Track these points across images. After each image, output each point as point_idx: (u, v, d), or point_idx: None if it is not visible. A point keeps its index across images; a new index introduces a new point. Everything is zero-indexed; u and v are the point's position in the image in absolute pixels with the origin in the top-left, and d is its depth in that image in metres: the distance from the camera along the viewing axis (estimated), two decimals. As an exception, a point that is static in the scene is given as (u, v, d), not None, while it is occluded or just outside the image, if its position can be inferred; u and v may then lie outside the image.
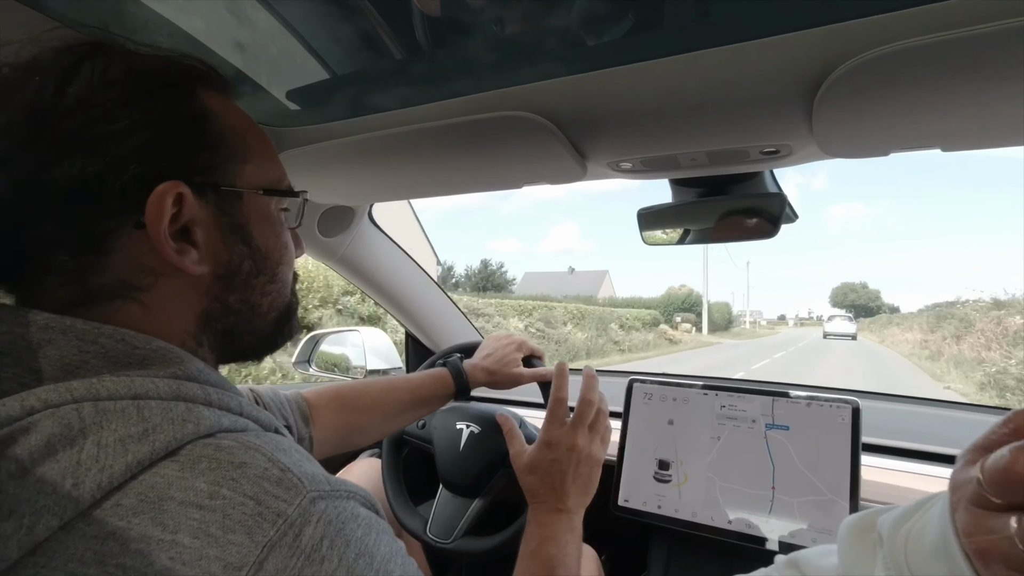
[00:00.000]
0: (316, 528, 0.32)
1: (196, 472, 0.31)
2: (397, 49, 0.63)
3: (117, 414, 0.31)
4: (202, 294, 0.41)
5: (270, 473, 0.32)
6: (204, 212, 0.40)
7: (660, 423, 0.97)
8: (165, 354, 0.37)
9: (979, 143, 0.62)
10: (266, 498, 0.31)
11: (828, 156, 0.70)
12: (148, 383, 0.34)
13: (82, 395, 0.31)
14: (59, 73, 0.36)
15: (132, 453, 0.30)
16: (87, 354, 0.34)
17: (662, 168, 0.80)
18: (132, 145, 0.36)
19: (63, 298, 0.37)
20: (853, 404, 0.85)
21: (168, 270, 0.38)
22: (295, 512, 0.31)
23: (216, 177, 0.40)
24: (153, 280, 0.38)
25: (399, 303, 1.34)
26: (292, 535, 0.31)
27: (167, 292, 0.39)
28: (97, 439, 0.30)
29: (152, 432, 0.31)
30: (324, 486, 0.34)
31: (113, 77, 0.36)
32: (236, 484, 0.31)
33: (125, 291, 0.37)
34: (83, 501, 0.29)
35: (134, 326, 0.37)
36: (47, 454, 0.29)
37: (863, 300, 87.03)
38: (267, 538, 0.30)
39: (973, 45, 0.44)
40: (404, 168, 0.88)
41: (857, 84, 0.51)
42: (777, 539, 0.83)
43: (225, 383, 0.40)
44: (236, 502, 0.30)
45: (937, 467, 0.89)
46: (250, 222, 0.43)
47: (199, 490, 0.30)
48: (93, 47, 0.37)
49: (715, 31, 0.51)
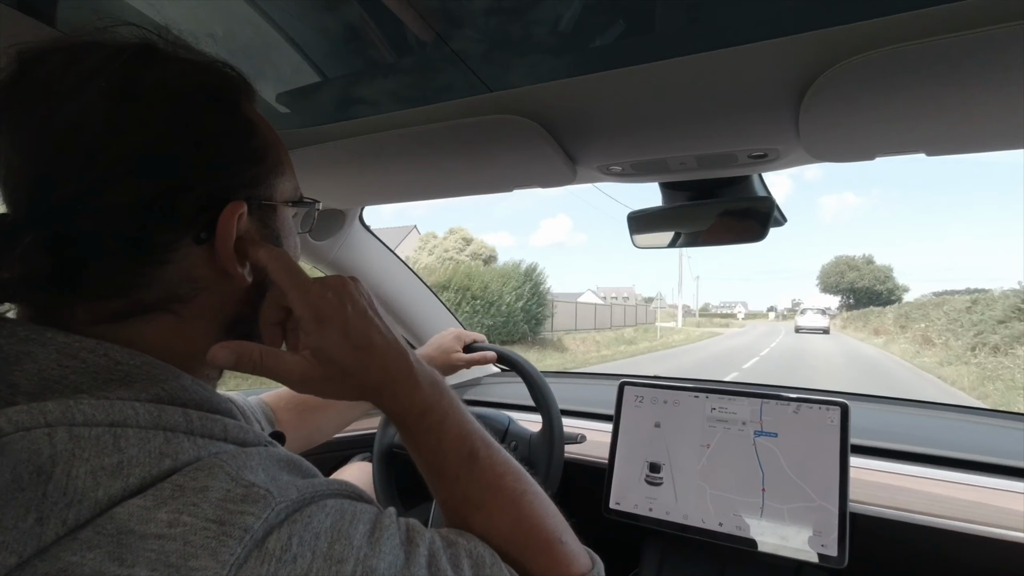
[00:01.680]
0: (281, 530, 0.31)
1: (159, 502, 0.29)
2: (388, 52, 0.63)
3: (91, 442, 0.29)
4: (236, 302, 0.41)
5: (233, 493, 0.30)
6: (251, 226, 0.40)
7: (651, 426, 0.97)
8: (150, 370, 0.35)
9: (963, 148, 0.63)
10: (230, 517, 0.29)
11: (815, 160, 0.70)
12: (127, 409, 0.32)
13: (56, 419, 0.29)
14: (120, 82, 0.34)
15: (103, 488, 0.28)
16: (66, 369, 0.33)
17: (652, 172, 0.81)
18: (195, 161, 0.36)
19: (103, 310, 0.36)
20: (842, 405, 0.85)
21: (213, 283, 0.38)
22: (262, 525, 0.30)
23: (261, 192, 0.41)
24: (196, 292, 0.38)
25: (389, 305, 1.34)
26: (256, 549, 0.29)
27: (205, 303, 0.39)
28: (67, 469, 0.28)
29: (127, 466, 0.30)
30: (292, 494, 0.32)
31: (174, 89, 0.36)
32: (197, 509, 0.29)
33: (168, 303, 0.37)
34: (46, 538, 0.27)
35: (160, 338, 0.36)
36: (12, 483, 0.27)
37: (867, 281, 62.14)
38: (234, 556, 0.28)
39: (956, 51, 0.45)
40: (394, 171, 0.87)
41: (843, 89, 0.52)
42: (769, 542, 0.83)
43: (213, 400, 0.38)
44: (197, 528, 0.29)
45: (926, 468, 0.89)
46: (281, 233, 0.44)
47: (159, 520, 0.28)
48: (145, 53, 0.36)
49: (704, 36, 0.52)
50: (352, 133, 0.76)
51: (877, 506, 0.84)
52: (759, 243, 0.85)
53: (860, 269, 63.54)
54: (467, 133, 0.70)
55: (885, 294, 59.32)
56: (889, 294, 59.45)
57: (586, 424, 1.17)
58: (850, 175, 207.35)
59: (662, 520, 0.91)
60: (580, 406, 1.24)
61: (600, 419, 1.18)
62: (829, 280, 66.08)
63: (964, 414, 1.17)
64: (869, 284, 62.03)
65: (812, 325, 29.09)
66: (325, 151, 0.80)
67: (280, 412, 0.75)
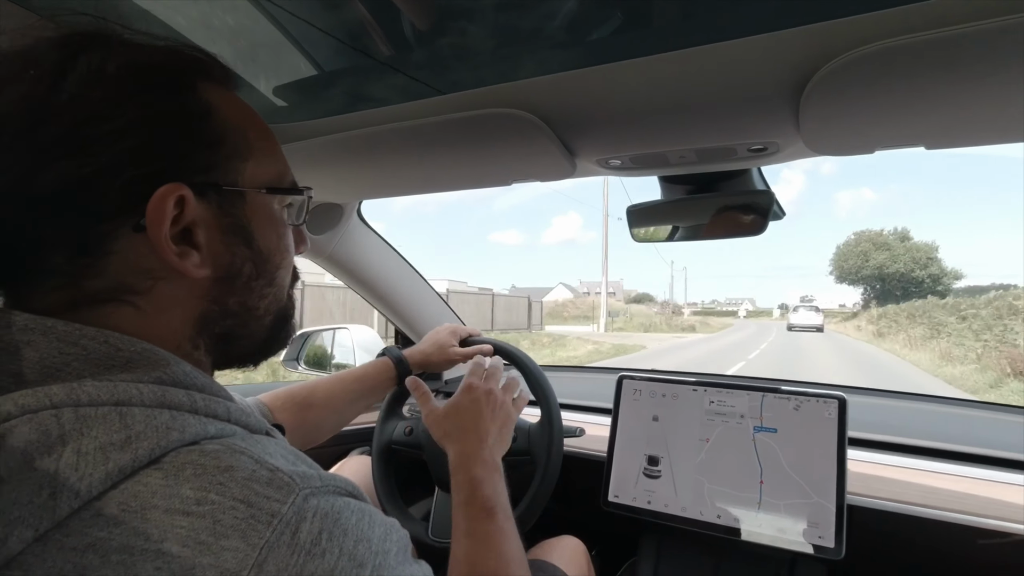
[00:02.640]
0: (313, 523, 0.31)
1: (181, 479, 0.30)
2: (386, 45, 0.63)
3: (98, 421, 0.30)
4: (200, 297, 0.39)
5: (259, 475, 0.31)
6: (206, 213, 0.38)
7: (649, 419, 0.98)
8: (150, 356, 0.35)
9: (962, 141, 0.63)
10: (257, 500, 0.30)
11: (815, 154, 0.70)
12: (131, 388, 0.32)
13: (62, 400, 0.30)
14: (53, 67, 0.34)
15: (113, 461, 0.29)
16: (68, 356, 0.33)
17: (651, 165, 0.81)
18: (130, 145, 0.34)
19: (56, 301, 0.35)
20: (839, 399, 0.86)
21: (167, 273, 0.37)
22: (290, 511, 0.31)
23: (218, 176, 0.39)
24: (152, 283, 0.37)
25: (388, 300, 1.34)
26: (289, 533, 0.30)
27: (165, 295, 0.38)
28: (77, 447, 0.29)
29: (134, 440, 0.30)
30: (316, 482, 0.34)
31: (111, 71, 0.35)
32: (224, 488, 0.30)
33: (121, 294, 0.36)
34: (60, 512, 0.28)
35: (127, 330, 0.35)
36: (23, 462, 0.28)
37: (902, 264, 43.87)
38: (263, 539, 0.29)
39: (955, 44, 0.45)
40: (392, 165, 0.87)
41: (843, 82, 0.52)
42: (766, 534, 0.84)
43: (213, 386, 0.38)
44: (226, 507, 0.30)
45: (923, 461, 0.90)
46: (252, 223, 0.41)
47: (185, 497, 0.29)
48: (89, 38, 0.35)
49: (703, 29, 0.52)
50: (349, 127, 0.76)
51: (874, 498, 0.84)
52: (767, 239, 0.84)
53: (891, 248, 45.29)
54: (465, 127, 0.70)
55: (928, 283, 42.53)
56: (934, 283, 42.40)
57: (585, 418, 1.17)
58: (865, 170, 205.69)
59: (660, 513, 0.92)
60: (579, 400, 1.25)
61: (599, 412, 1.19)
62: (847, 265, 48.01)
63: (958, 407, 1.18)
64: (905, 268, 44.09)
65: (805, 323, 27.93)
66: (322, 145, 0.80)
67: (277, 412, 0.76)
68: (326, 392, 0.83)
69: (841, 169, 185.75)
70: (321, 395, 0.82)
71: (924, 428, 1.02)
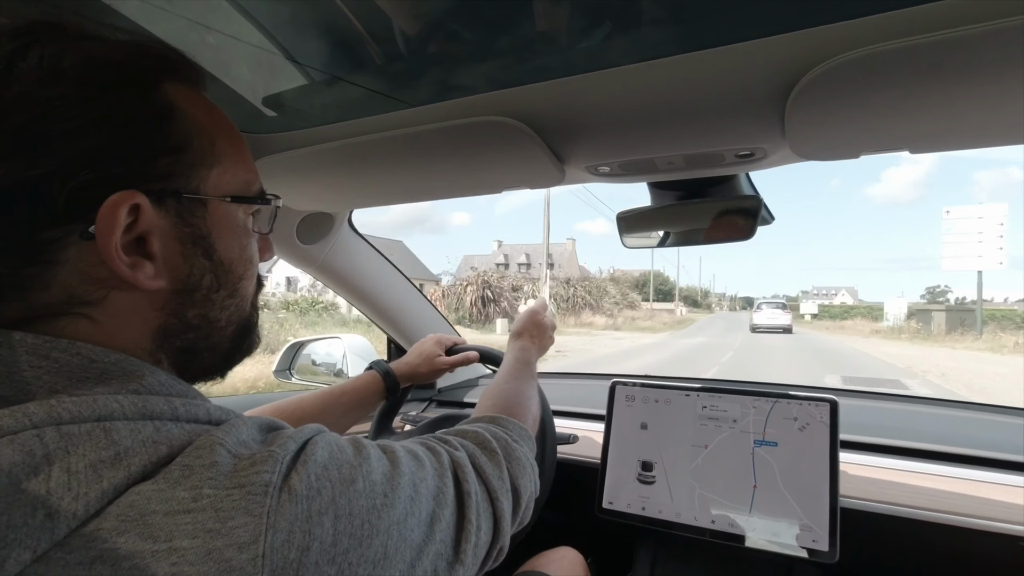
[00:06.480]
0: (299, 473, 0.33)
1: (171, 483, 0.30)
2: (375, 54, 0.63)
3: (83, 438, 0.29)
4: (158, 309, 0.38)
5: (241, 463, 0.32)
6: (163, 222, 0.36)
7: (642, 425, 0.98)
8: (125, 367, 0.34)
9: (946, 145, 0.63)
10: (248, 480, 0.31)
11: (801, 159, 0.71)
12: (111, 402, 0.31)
13: (42, 419, 0.29)
14: (1, 59, 0.32)
15: (107, 479, 0.29)
16: (39, 370, 0.31)
17: (640, 172, 0.81)
18: (83, 147, 0.32)
19: (12, 314, 0.33)
20: (831, 402, 0.86)
21: (121, 283, 0.35)
22: (278, 476, 0.32)
23: (178, 184, 0.37)
24: (104, 293, 0.35)
25: (380, 309, 1.33)
26: (287, 492, 0.32)
27: (120, 306, 0.35)
28: (65, 465, 0.28)
29: (124, 456, 0.30)
30: (291, 444, 0.35)
31: (65, 67, 0.32)
32: (215, 482, 0.31)
33: (73, 306, 0.34)
34: (59, 532, 0.27)
35: (86, 342, 0.34)
36: (10, 485, 0.27)
37: None
38: (266, 507, 0.30)
39: (939, 50, 0.46)
40: (383, 174, 0.87)
41: (828, 88, 0.52)
42: (760, 538, 0.84)
43: (190, 391, 0.37)
44: (222, 495, 0.30)
45: (915, 463, 0.91)
46: (213, 233, 0.39)
47: (181, 498, 0.30)
48: (44, 30, 0.33)
49: (690, 36, 0.52)
50: (339, 136, 0.76)
51: (866, 501, 0.85)
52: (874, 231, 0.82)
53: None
54: (455, 135, 0.70)
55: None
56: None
57: (578, 424, 1.17)
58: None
59: (654, 519, 0.92)
60: (571, 406, 1.24)
61: (591, 419, 1.18)
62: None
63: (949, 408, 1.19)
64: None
65: (771, 323, 24.42)
66: (312, 154, 0.80)
67: None
68: (312, 406, 0.82)
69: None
70: (308, 409, 0.81)
71: (915, 429, 1.03)
